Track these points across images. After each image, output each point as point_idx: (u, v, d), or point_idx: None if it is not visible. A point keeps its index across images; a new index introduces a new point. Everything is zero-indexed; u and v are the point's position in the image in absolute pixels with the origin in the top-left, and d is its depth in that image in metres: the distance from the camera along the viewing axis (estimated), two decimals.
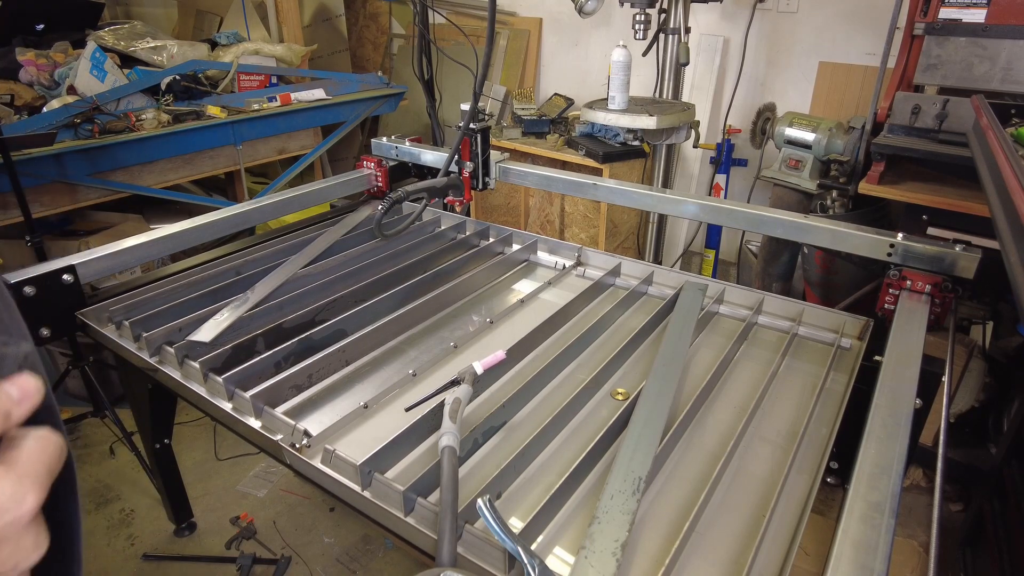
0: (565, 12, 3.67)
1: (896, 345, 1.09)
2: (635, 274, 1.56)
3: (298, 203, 1.82)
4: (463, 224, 1.84)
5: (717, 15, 3.17)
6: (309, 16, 4.32)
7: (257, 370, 1.14)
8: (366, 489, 0.89)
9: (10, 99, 2.62)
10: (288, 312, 1.35)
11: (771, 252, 2.67)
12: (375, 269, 1.55)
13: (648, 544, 0.84)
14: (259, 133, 3.11)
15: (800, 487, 0.93)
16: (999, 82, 1.88)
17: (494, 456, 1.00)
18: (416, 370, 1.20)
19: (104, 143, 2.50)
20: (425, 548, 0.84)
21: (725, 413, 1.10)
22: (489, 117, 1.83)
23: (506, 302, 1.48)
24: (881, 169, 2.03)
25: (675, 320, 1.30)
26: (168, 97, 2.82)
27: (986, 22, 1.86)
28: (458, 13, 4.02)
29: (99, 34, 2.97)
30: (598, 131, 2.92)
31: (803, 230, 1.41)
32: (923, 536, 1.26)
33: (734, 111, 3.18)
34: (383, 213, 1.55)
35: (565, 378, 1.20)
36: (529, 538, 0.83)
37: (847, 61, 2.88)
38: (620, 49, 2.50)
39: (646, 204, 1.68)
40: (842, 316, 1.33)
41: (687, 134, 2.71)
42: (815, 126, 2.39)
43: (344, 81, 3.47)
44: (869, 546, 0.71)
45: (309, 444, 0.99)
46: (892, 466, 0.81)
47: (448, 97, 3.40)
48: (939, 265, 1.24)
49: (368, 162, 1.98)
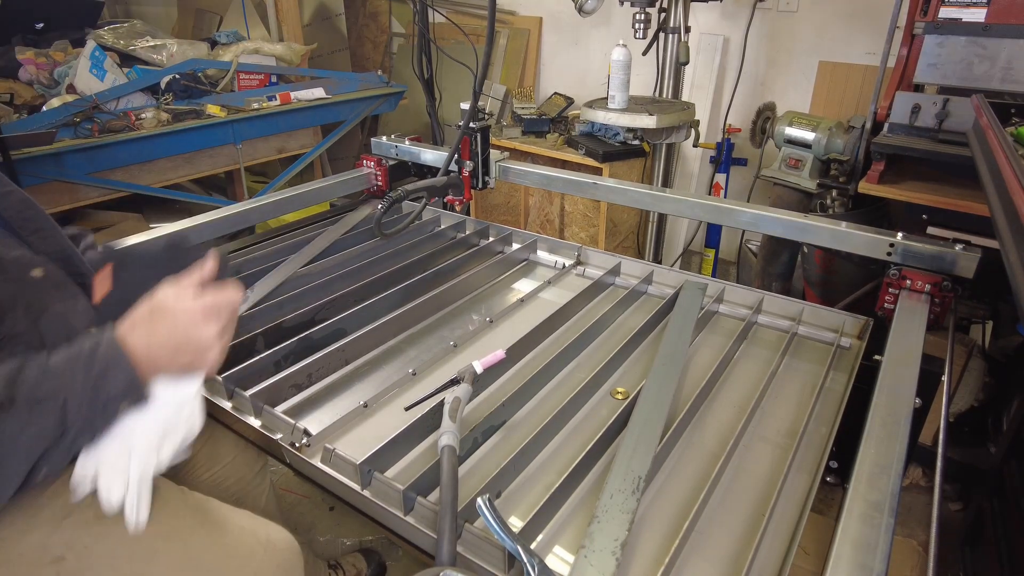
0: (565, 11, 3.66)
1: (896, 344, 1.09)
2: (635, 273, 1.56)
3: (298, 202, 1.81)
4: (463, 223, 1.84)
5: (717, 14, 3.17)
6: (309, 15, 4.31)
7: (257, 369, 1.14)
8: (366, 488, 0.89)
9: (10, 98, 2.62)
10: (288, 311, 1.35)
11: (771, 251, 2.67)
12: (375, 268, 1.55)
13: (648, 543, 0.84)
14: (259, 132, 3.11)
15: (800, 486, 0.93)
16: (999, 81, 1.88)
17: (494, 455, 1.00)
18: (416, 369, 1.20)
19: (104, 142, 2.49)
20: (425, 547, 0.84)
21: (725, 412, 1.10)
22: (489, 116, 1.83)
23: (506, 301, 1.48)
24: (881, 168, 2.03)
25: (675, 319, 1.30)
26: (168, 96, 2.82)
27: (986, 21, 1.86)
28: (458, 12, 4.02)
29: (99, 33, 2.97)
30: (598, 130, 2.92)
31: (803, 229, 1.40)
32: (923, 535, 1.26)
33: (734, 110, 3.18)
34: (383, 212, 1.55)
35: (565, 377, 1.20)
36: (529, 537, 0.83)
37: (847, 60, 2.88)
38: (620, 48, 2.50)
39: (646, 203, 1.68)
40: (842, 315, 1.33)
41: (687, 133, 2.71)
42: (815, 125, 2.39)
43: (344, 80, 3.47)
44: (869, 545, 0.71)
45: (309, 443, 0.99)
46: (892, 465, 0.81)
47: (448, 96, 3.39)
48: (939, 264, 1.24)
49: (368, 161, 1.98)
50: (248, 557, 1.06)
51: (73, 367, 0.76)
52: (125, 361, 0.79)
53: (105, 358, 0.78)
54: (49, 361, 0.76)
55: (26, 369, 0.74)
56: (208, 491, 1.19)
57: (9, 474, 0.74)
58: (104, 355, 0.78)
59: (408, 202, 1.76)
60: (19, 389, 0.72)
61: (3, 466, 0.73)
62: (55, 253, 0.93)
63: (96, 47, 2.69)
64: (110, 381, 0.78)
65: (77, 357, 0.78)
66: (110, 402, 0.79)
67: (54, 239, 0.94)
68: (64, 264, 0.93)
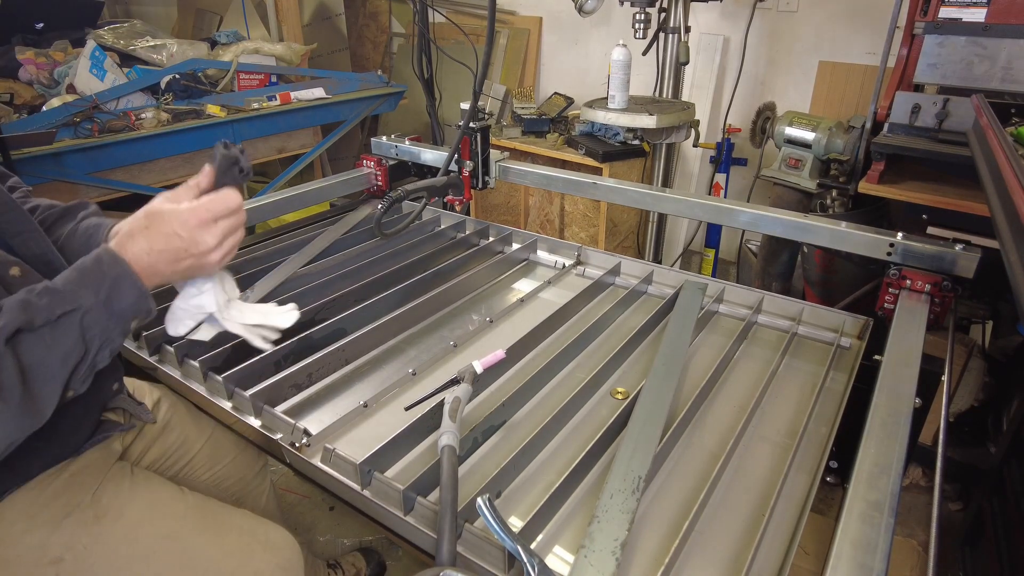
0: (565, 11, 3.66)
1: (896, 344, 1.09)
2: (635, 273, 1.56)
3: (298, 202, 1.81)
4: (463, 223, 1.84)
5: (717, 14, 3.16)
6: (309, 15, 4.31)
7: (257, 369, 1.14)
8: (366, 488, 0.89)
9: (9, 98, 2.62)
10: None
11: (771, 251, 2.67)
12: (375, 268, 1.55)
13: (648, 543, 0.84)
14: (259, 132, 3.11)
15: (800, 486, 0.93)
16: (999, 81, 1.88)
17: (494, 455, 1.00)
18: (416, 369, 1.20)
19: (103, 142, 2.49)
20: (425, 547, 0.84)
21: (725, 412, 1.10)
22: (489, 116, 1.83)
23: (506, 301, 1.48)
24: (881, 168, 2.03)
25: (675, 319, 1.30)
26: (168, 96, 2.82)
27: (986, 21, 1.86)
28: (458, 12, 4.02)
29: (99, 33, 2.97)
30: (598, 130, 2.92)
31: (803, 229, 1.40)
32: (922, 535, 1.26)
33: (734, 110, 3.18)
34: (383, 212, 1.55)
35: (565, 377, 1.20)
36: (529, 537, 0.83)
37: (847, 60, 2.88)
38: (620, 48, 2.50)
39: (646, 203, 1.68)
40: (842, 315, 1.33)
41: (687, 133, 2.71)
42: (815, 125, 2.39)
43: (344, 80, 3.47)
44: (868, 545, 0.71)
45: (309, 443, 0.99)
46: (891, 465, 0.81)
47: (448, 96, 3.39)
48: (939, 264, 1.24)
49: (368, 161, 1.98)
50: (248, 557, 1.06)
51: (82, 284, 0.78)
52: (130, 271, 0.81)
53: (112, 271, 0.79)
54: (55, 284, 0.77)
55: (35, 294, 0.75)
56: (208, 491, 1.19)
57: (47, 394, 0.76)
58: (110, 268, 0.80)
59: (408, 202, 1.76)
60: (36, 312, 0.73)
61: (42, 387, 0.75)
62: (37, 257, 0.92)
63: (96, 47, 2.68)
64: (122, 292, 0.79)
65: (84, 274, 0.79)
66: (123, 313, 0.80)
67: (36, 242, 0.93)
68: (46, 268, 0.92)
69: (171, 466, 1.20)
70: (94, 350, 0.78)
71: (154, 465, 1.18)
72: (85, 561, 0.95)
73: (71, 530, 0.95)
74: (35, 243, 0.93)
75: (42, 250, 0.94)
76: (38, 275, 0.89)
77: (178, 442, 1.21)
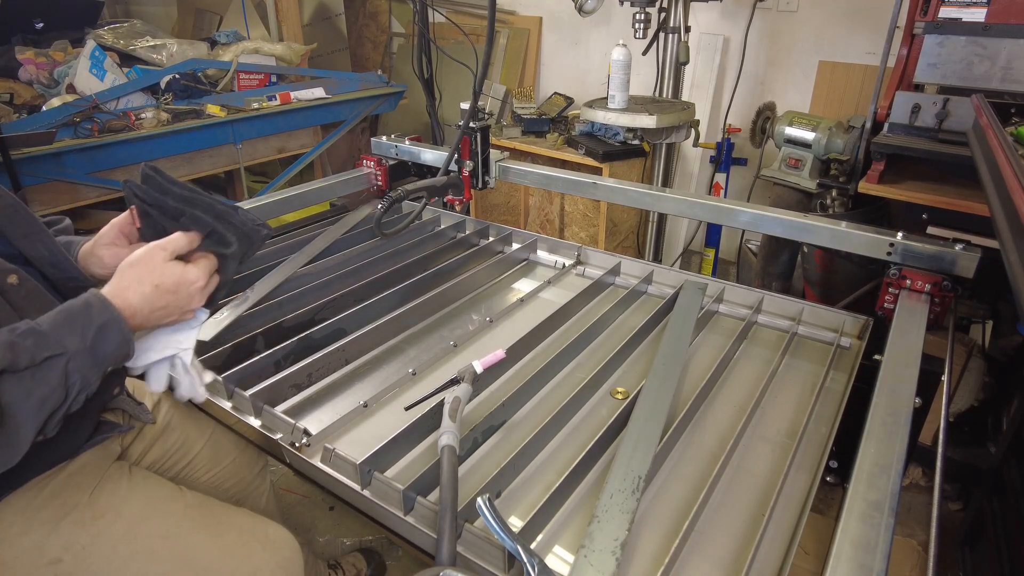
0: (565, 11, 3.66)
1: (896, 344, 1.09)
2: (635, 273, 1.56)
3: (298, 202, 1.82)
4: (463, 223, 1.84)
5: (717, 14, 3.16)
6: (309, 15, 4.32)
7: (257, 369, 1.13)
8: (366, 488, 0.89)
9: (9, 98, 2.62)
10: (288, 311, 1.35)
11: (771, 251, 2.67)
12: (375, 268, 1.55)
13: (648, 543, 0.84)
14: (259, 132, 3.11)
15: (800, 486, 0.93)
16: (999, 81, 1.88)
17: (494, 455, 1.00)
18: (416, 369, 1.20)
19: (103, 142, 2.49)
20: (425, 547, 0.84)
21: (725, 412, 1.10)
22: (489, 116, 1.83)
23: (506, 301, 1.48)
24: (881, 168, 2.03)
25: (675, 319, 1.30)
26: (167, 96, 2.82)
27: (986, 21, 1.86)
28: (458, 12, 4.02)
29: (98, 33, 2.97)
30: (598, 130, 2.92)
31: (803, 229, 1.40)
32: (922, 535, 1.26)
33: (734, 110, 3.18)
34: (383, 212, 1.54)
35: (565, 377, 1.20)
36: (529, 537, 0.83)
37: (847, 60, 2.88)
38: (620, 48, 2.50)
39: (646, 203, 1.68)
40: (842, 315, 1.33)
41: (687, 133, 2.71)
42: (815, 125, 2.39)
43: (344, 80, 3.47)
44: (868, 545, 0.71)
45: (309, 443, 0.99)
46: (891, 465, 0.81)
47: (448, 96, 3.39)
48: (939, 264, 1.24)
49: (368, 161, 1.98)
50: (247, 555, 1.06)
51: (69, 328, 0.78)
52: (119, 319, 0.82)
53: (100, 317, 0.80)
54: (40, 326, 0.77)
55: (18, 334, 0.75)
56: (208, 492, 1.19)
57: (22, 437, 0.75)
58: (99, 315, 0.80)
59: (408, 202, 1.75)
60: (20, 354, 0.73)
61: (17, 429, 0.74)
62: (44, 259, 0.92)
63: (96, 47, 2.69)
64: (107, 339, 0.80)
65: (72, 318, 0.79)
66: (106, 359, 0.81)
67: (44, 244, 0.93)
68: (53, 269, 0.93)
69: (171, 467, 1.20)
70: (73, 394, 0.78)
71: (154, 466, 1.18)
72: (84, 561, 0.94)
73: (69, 530, 0.95)
74: (43, 244, 0.93)
75: (50, 251, 0.94)
76: (35, 283, 0.89)
77: (178, 443, 1.21)
